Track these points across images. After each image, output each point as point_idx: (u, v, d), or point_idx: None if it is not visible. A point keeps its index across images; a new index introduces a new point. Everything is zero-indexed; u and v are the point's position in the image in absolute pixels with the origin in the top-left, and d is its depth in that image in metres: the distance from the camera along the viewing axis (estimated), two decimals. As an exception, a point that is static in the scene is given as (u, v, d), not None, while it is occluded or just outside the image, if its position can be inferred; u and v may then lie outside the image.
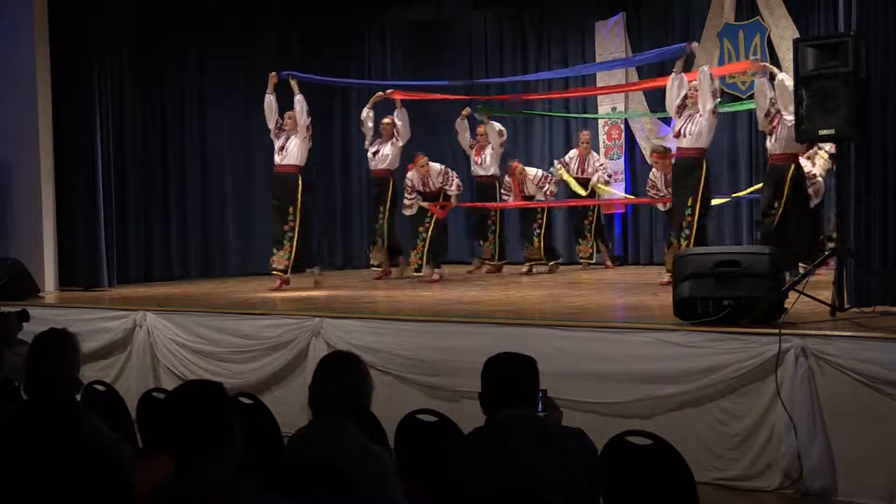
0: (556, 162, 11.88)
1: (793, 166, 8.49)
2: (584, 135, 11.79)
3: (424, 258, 10.61)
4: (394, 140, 10.74)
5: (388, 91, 10.83)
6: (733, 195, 11.02)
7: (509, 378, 3.38)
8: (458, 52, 14.05)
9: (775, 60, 11.24)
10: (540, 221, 11.29)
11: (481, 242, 11.74)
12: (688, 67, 9.32)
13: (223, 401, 2.70)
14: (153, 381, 7.66)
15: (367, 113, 10.83)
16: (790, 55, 8.47)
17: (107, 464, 3.24)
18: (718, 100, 8.87)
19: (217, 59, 12.06)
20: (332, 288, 10.02)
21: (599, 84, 12.02)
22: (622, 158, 12.35)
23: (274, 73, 9.96)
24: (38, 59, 10.29)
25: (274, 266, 9.77)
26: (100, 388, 5.29)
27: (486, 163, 11.49)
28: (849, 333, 5.55)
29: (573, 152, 11.83)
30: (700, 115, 8.53)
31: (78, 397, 4.30)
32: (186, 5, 11.76)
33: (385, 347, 6.83)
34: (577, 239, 12.00)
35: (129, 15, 11.36)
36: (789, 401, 5.44)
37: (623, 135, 12.36)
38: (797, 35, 10.22)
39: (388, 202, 10.77)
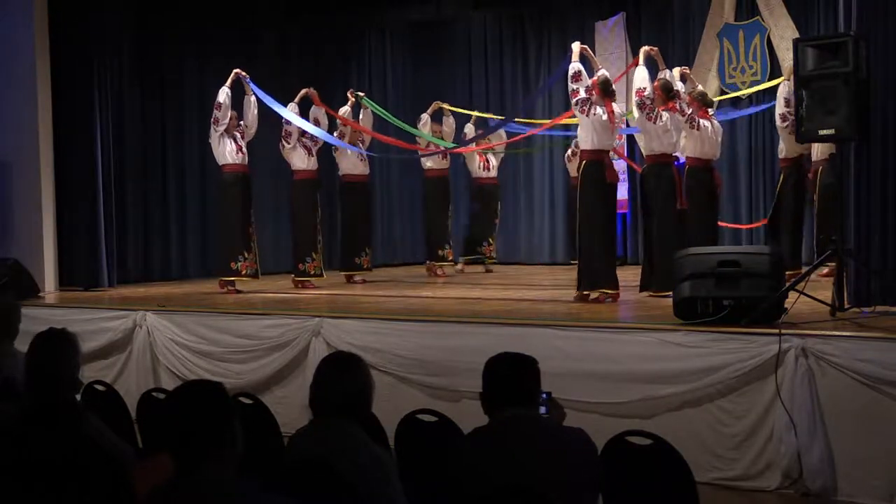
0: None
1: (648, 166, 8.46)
2: None
3: None
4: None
5: (311, 91, 10.34)
6: None
7: (510, 378, 3.37)
8: (458, 52, 14.07)
9: (775, 60, 11.27)
10: None
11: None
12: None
13: (223, 401, 2.70)
14: (153, 381, 7.66)
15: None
16: (790, 55, 8.47)
17: (107, 464, 3.24)
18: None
19: (217, 59, 12.05)
20: (330, 288, 10.02)
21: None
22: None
23: (238, 70, 9.70)
24: (38, 59, 10.28)
25: (243, 273, 9.53)
26: (100, 388, 5.28)
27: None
28: (849, 333, 5.54)
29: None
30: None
31: (78, 397, 4.30)
32: (187, 5, 11.75)
33: (385, 347, 6.83)
34: (488, 239, 11.99)
35: (129, 15, 11.36)
36: (789, 401, 5.44)
37: (624, 136, 12.32)
38: (797, 35, 10.22)
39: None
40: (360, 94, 10.99)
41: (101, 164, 10.47)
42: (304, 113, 10.31)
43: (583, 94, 7.87)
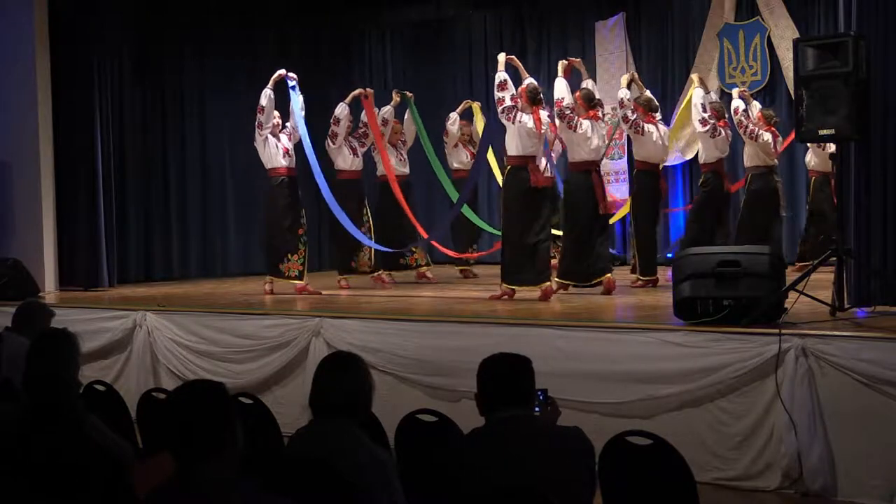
0: None
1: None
2: None
3: None
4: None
5: (367, 91, 10.20)
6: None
7: (505, 378, 3.37)
8: (458, 52, 14.05)
9: (775, 60, 11.27)
10: None
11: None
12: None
13: (223, 401, 2.70)
14: (153, 381, 7.67)
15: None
16: (790, 55, 8.48)
17: (107, 464, 3.25)
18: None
19: (217, 59, 12.06)
20: (329, 288, 10.02)
21: (600, 82, 11.94)
22: (623, 158, 12.32)
23: (283, 71, 9.47)
24: (38, 59, 10.29)
25: (287, 274, 9.35)
26: (100, 388, 5.28)
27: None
28: (849, 333, 5.55)
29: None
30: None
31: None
32: (186, 5, 11.76)
33: (385, 347, 6.83)
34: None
35: (129, 15, 11.36)
36: (789, 401, 5.44)
37: (624, 134, 12.30)
38: (797, 35, 10.22)
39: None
40: (409, 94, 10.71)
41: (101, 164, 10.48)
42: (356, 111, 10.19)
43: (508, 101, 8.10)
